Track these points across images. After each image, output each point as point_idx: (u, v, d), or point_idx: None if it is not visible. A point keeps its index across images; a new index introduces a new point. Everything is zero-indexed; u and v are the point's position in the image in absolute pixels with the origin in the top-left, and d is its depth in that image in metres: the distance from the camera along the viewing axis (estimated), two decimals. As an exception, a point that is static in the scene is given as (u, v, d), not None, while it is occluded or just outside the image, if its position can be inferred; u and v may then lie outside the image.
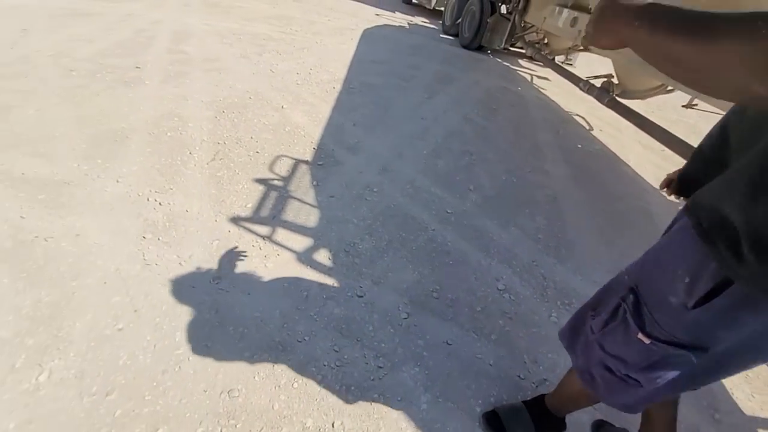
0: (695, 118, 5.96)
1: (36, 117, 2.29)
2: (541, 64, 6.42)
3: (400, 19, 8.65)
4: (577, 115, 4.96)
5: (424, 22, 9.08)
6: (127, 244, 1.62)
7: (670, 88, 3.80)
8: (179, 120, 2.61)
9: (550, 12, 4.82)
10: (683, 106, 2.69)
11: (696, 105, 2.56)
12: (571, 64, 6.61)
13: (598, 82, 4.10)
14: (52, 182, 1.85)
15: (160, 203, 1.89)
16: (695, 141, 2.82)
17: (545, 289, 1.96)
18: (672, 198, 1.22)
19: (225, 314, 1.45)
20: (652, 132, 3.06)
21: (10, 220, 1.62)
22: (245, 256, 1.72)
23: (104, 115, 2.46)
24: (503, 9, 6.25)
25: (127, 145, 2.25)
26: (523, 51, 6.59)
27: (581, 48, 4.56)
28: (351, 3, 9.27)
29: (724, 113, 1.02)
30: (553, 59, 5.61)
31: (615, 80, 4.10)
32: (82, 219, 1.69)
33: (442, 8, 8.75)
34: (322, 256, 1.82)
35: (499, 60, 6.84)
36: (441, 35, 7.89)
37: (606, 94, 3.88)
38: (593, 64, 7.47)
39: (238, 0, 6.54)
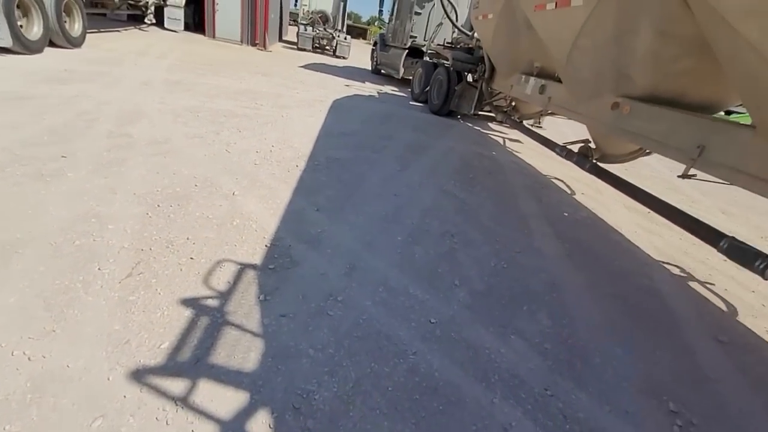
0: (669, 174, 5.96)
1: None
2: (511, 127, 6.47)
3: (369, 88, 8.82)
4: (555, 178, 4.79)
5: (394, 90, 9.31)
6: (-58, 451, 1.05)
7: (648, 150, 3.69)
8: (97, 222, 2.13)
9: (517, 80, 4.83)
10: (679, 176, 2.44)
11: (694, 176, 2.31)
12: (540, 126, 6.68)
13: (575, 147, 3.96)
14: None
15: (29, 358, 1.34)
16: (672, 198, 2.56)
17: (570, 438, 1.46)
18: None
19: None
20: (647, 202, 2.78)
21: None
22: (140, 443, 1.16)
23: (-4, 223, 1.96)
24: (470, 77, 6.38)
25: (12, 265, 1.73)
26: (493, 115, 6.66)
27: (550, 112, 4.51)
28: (320, 75, 9.47)
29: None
30: (522, 122, 5.63)
31: (592, 145, 3.98)
32: None
33: (411, 77, 9.03)
34: (259, 425, 1.28)
35: (470, 124, 6.87)
36: (411, 102, 8.00)
37: (585, 159, 3.70)
38: (560, 125, 7.65)
39: (202, 77, 6.44)
